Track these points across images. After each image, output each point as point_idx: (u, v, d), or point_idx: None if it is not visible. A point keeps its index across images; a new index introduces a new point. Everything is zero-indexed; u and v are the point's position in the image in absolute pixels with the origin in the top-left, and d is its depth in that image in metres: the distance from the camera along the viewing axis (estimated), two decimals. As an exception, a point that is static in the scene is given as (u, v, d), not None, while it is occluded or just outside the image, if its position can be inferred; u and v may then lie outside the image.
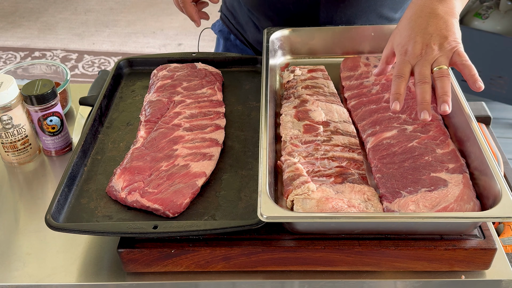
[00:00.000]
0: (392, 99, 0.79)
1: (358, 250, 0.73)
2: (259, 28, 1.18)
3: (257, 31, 1.19)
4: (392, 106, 0.79)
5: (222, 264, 0.76)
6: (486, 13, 2.36)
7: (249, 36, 1.22)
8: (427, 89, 0.78)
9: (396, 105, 0.79)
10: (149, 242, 0.75)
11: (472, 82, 0.78)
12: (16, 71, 1.14)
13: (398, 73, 0.81)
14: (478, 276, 0.75)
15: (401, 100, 0.79)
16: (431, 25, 0.82)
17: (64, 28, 3.45)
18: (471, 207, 0.73)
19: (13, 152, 0.97)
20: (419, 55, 0.81)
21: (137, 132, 0.93)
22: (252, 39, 1.22)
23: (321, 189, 0.76)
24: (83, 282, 0.78)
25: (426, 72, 0.80)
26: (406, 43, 0.83)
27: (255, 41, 1.21)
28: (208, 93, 1.02)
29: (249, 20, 1.19)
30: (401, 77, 0.81)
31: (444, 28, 0.82)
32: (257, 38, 1.20)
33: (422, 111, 0.77)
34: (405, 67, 0.81)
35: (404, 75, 0.81)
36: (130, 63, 1.14)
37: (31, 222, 0.87)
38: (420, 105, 0.78)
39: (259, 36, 1.18)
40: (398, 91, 0.80)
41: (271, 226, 0.76)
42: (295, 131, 0.88)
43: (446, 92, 0.78)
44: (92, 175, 0.86)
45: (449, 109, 0.77)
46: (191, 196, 0.79)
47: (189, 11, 1.08)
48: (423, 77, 0.79)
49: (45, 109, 0.95)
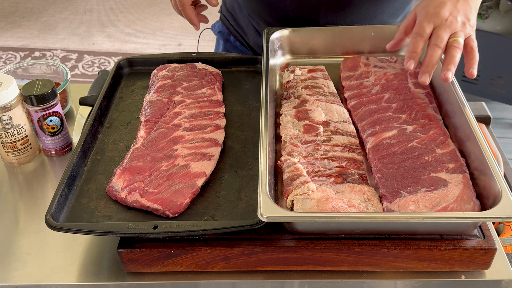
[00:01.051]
0: (407, 57, 0.79)
1: (358, 250, 0.73)
2: (260, 32, 1.18)
3: (257, 34, 1.19)
4: (406, 64, 0.79)
5: (222, 264, 0.76)
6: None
7: (250, 39, 1.22)
8: (438, 54, 0.80)
9: (411, 64, 0.79)
10: (149, 242, 0.75)
11: (469, 67, 0.81)
12: (16, 71, 1.14)
13: (418, 31, 0.81)
14: (478, 276, 0.75)
15: (416, 59, 0.80)
16: (460, 4, 0.84)
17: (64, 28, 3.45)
18: (471, 207, 0.73)
19: (13, 152, 0.97)
20: (444, 20, 0.82)
21: (137, 132, 0.93)
22: (252, 42, 1.22)
23: (321, 189, 0.76)
24: (83, 282, 0.78)
25: (444, 38, 0.81)
26: (435, 6, 0.83)
27: (255, 44, 1.21)
28: (208, 93, 1.02)
29: (250, 24, 1.19)
30: (421, 35, 0.81)
31: (469, 12, 0.85)
32: (257, 42, 1.20)
33: (424, 74, 0.78)
34: (427, 26, 0.81)
35: (424, 34, 0.81)
36: (130, 63, 1.14)
37: (31, 222, 0.87)
38: (425, 67, 0.79)
39: (259, 39, 1.18)
40: (415, 50, 0.80)
41: (271, 226, 0.76)
42: (295, 131, 0.88)
43: (455, 62, 0.79)
44: (92, 175, 0.86)
45: (451, 78, 0.79)
46: (191, 196, 0.79)
47: (188, 14, 1.07)
48: (440, 41, 0.80)
49: (45, 109, 0.95)
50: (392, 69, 1.02)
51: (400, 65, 1.03)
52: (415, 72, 0.99)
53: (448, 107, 0.90)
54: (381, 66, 1.03)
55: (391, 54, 1.09)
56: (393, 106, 0.92)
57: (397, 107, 0.92)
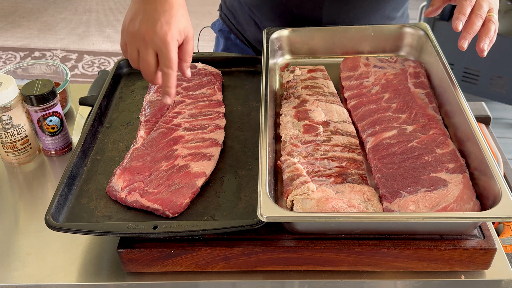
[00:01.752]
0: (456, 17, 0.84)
1: (358, 250, 0.73)
2: (260, 27, 1.18)
3: (258, 30, 1.19)
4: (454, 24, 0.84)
5: (222, 264, 0.76)
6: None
7: (249, 35, 1.22)
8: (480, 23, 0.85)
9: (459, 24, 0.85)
10: (149, 242, 0.75)
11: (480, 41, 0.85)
12: (16, 71, 1.14)
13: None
14: (478, 276, 0.75)
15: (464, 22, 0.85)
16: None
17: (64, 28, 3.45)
18: (471, 207, 0.73)
19: (13, 152, 0.97)
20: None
21: (137, 132, 0.93)
22: (252, 38, 1.22)
23: (321, 189, 0.76)
24: (83, 282, 0.78)
25: (486, 10, 0.85)
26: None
27: (255, 40, 1.21)
28: (208, 93, 1.02)
29: (250, 20, 1.19)
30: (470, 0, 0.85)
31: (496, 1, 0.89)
32: (258, 37, 1.19)
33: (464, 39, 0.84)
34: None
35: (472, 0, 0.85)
36: (130, 63, 1.14)
37: (31, 222, 0.87)
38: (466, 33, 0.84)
39: (259, 35, 1.18)
40: (464, 12, 0.84)
41: (271, 226, 0.76)
42: (295, 131, 0.88)
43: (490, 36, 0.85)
44: (92, 175, 0.86)
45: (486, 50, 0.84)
46: (191, 196, 0.79)
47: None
48: (483, 12, 0.85)
49: (45, 109, 0.95)
50: (392, 69, 1.02)
51: (400, 65, 1.03)
52: (415, 72, 0.99)
53: (448, 107, 0.90)
54: (381, 66, 1.03)
55: (391, 54, 1.09)
56: (393, 106, 0.92)
57: (397, 107, 0.92)
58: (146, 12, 0.80)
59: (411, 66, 1.01)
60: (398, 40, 1.09)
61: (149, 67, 0.81)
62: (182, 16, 0.82)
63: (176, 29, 0.80)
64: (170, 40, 0.79)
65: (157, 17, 0.79)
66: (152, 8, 0.80)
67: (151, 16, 0.79)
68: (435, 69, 0.98)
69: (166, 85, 0.82)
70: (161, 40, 0.78)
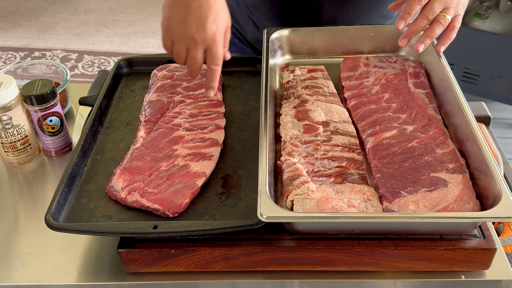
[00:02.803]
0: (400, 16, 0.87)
1: (358, 250, 0.73)
2: (259, 27, 1.17)
3: (256, 30, 1.19)
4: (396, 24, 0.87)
5: (222, 264, 0.76)
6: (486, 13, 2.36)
7: (248, 35, 1.22)
8: (424, 24, 0.87)
9: (401, 23, 0.87)
10: (149, 242, 0.75)
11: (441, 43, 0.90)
12: (16, 71, 1.14)
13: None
14: (478, 276, 0.75)
15: (407, 21, 0.87)
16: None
17: (64, 28, 3.45)
18: (471, 207, 0.73)
19: (13, 152, 0.97)
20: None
21: (137, 132, 0.93)
22: (251, 37, 1.21)
23: (321, 189, 0.76)
24: (83, 282, 0.78)
25: (436, 11, 0.86)
26: None
27: (254, 39, 1.21)
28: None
29: (248, 19, 1.19)
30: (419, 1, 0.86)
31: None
32: (257, 37, 1.19)
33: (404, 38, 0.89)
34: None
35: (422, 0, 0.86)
36: (130, 63, 1.14)
37: (31, 222, 0.87)
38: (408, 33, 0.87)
39: (258, 35, 1.18)
40: (409, 12, 0.87)
41: (271, 226, 0.76)
42: (295, 131, 0.88)
43: (432, 37, 0.87)
44: (92, 175, 0.86)
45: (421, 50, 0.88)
46: (191, 196, 0.79)
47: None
48: (431, 13, 0.86)
49: (45, 109, 0.95)
50: (392, 69, 1.02)
51: (400, 65, 1.03)
52: (415, 72, 0.99)
53: (448, 107, 0.90)
54: (381, 66, 1.03)
55: (391, 54, 1.09)
56: (393, 106, 0.92)
57: (397, 107, 0.92)
58: (192, 10, 0.81)
59: (411, 66, 1.01)
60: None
61: (197, 64, 0.83)
62: (223, 9, 0.84)
63: (222, 26, 0.83)
64: (219, 38, 0.82)
65: (204, 14, 0.80)
66: (197, 5, 0.81)
67: (199, 15, 0.80)
68: (435, 69, 0.98)
69: (211, 80, 0.85)
70: (211, 39, 0.81)
